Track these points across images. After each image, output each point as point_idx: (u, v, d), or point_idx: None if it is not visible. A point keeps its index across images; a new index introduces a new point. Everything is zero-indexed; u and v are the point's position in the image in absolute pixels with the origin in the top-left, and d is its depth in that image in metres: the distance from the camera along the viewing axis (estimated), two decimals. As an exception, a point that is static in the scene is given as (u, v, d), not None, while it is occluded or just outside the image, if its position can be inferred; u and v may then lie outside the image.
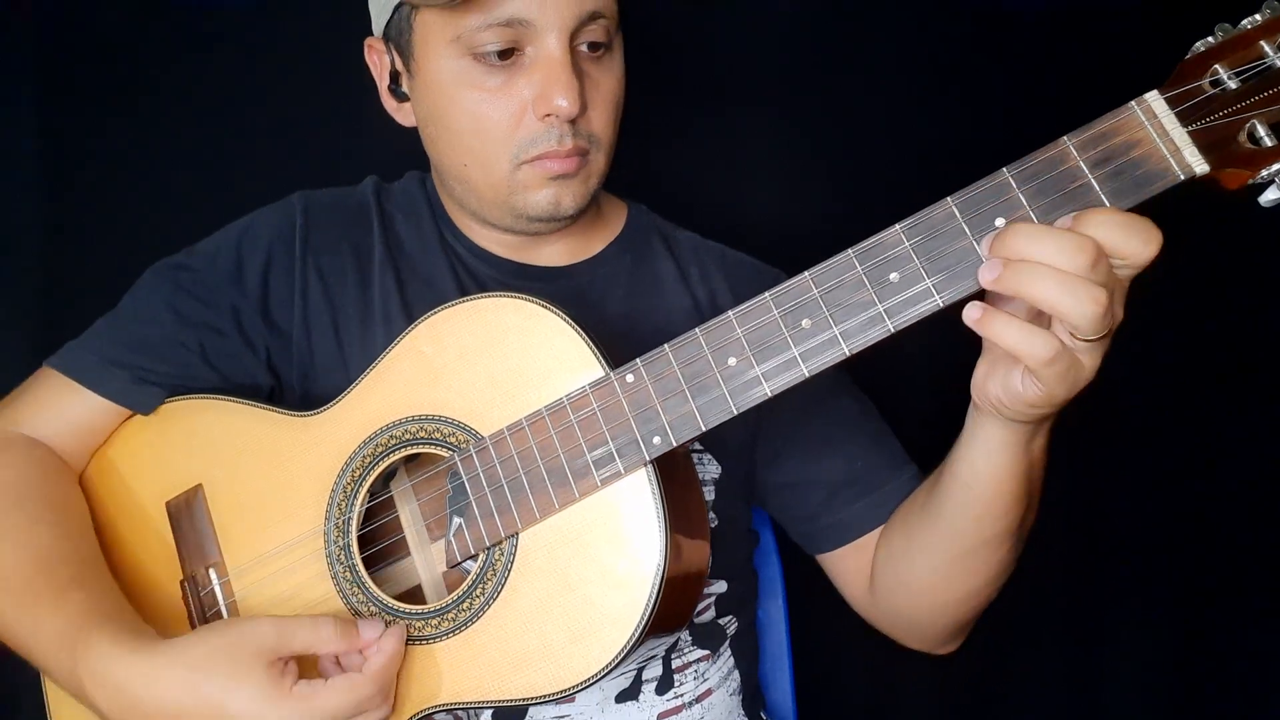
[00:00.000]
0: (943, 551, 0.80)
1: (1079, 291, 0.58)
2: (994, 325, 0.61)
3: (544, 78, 0.78)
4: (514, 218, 0.86)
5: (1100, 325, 0.59)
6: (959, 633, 0.88)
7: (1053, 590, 1.36)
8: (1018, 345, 0.60)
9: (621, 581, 0.69)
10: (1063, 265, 0.58)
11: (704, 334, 0.68)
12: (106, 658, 0.70)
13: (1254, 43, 0.58)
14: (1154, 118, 0.59)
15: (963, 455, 0.73)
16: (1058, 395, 0.63)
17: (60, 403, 0.85)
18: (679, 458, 0.76)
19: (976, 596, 0.82)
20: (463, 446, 0.75)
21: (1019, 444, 0.70)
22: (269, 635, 0.68)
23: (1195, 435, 1.38)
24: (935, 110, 1.30)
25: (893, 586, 0.87)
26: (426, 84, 0.83)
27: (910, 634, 0.90)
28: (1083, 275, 0.58)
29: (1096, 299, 0.58)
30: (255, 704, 0.66)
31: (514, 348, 0.74)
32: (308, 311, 0.89)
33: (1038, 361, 0.61)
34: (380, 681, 0.70)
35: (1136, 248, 0.58)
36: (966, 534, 0.77)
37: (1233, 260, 1.29)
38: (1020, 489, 0.73)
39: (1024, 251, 0.59)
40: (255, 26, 1.26)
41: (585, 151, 0.82)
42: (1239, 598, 1.38)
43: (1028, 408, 0.65)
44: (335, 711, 0.68)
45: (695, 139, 1.30)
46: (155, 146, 1.26)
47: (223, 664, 0.67)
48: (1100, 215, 0.58)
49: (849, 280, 0.64)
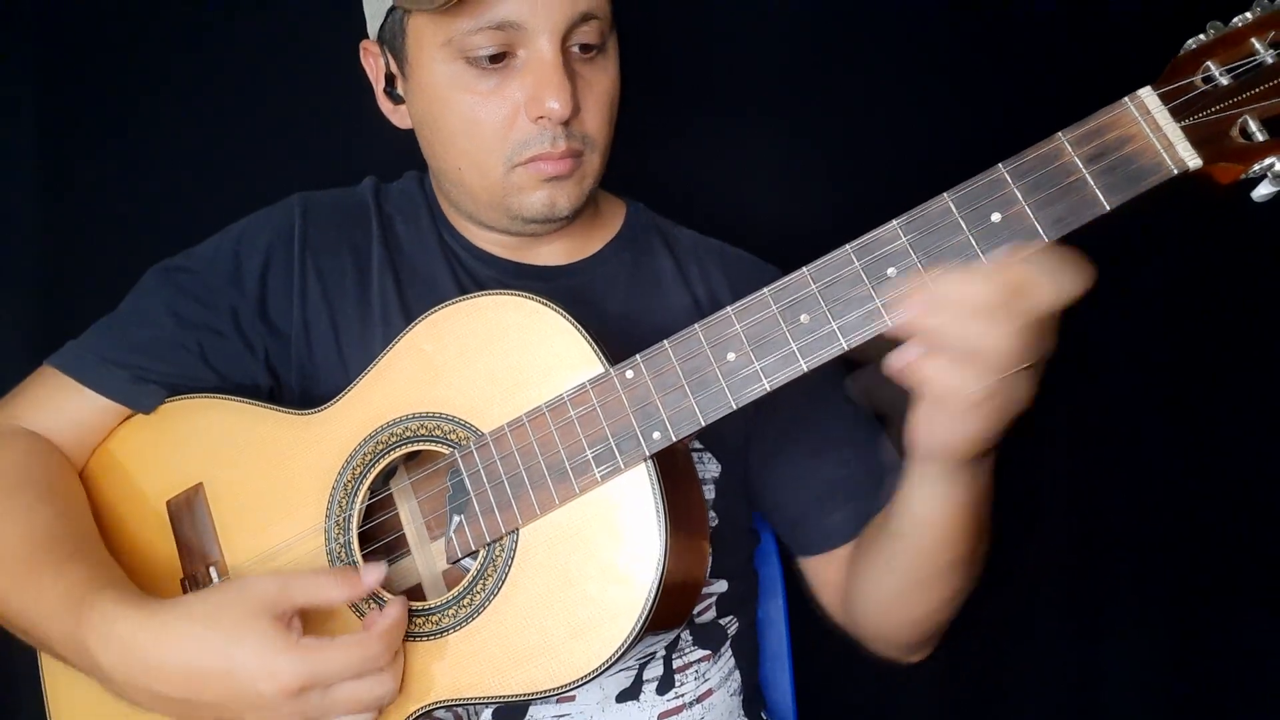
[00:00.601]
0: (901, 577, 0.81)
1: (986, 328, 0.59)
2: (924, 369, 0.62)
3: (536, 80, 0.79)
4: (509, 219, 0.86)
5: (1016, 358, 0.60)
6: (924, 646, 0.90)
7: (1051, 590, 1.36)
8: (950, 388, 0.62)
9: (621, 577, 0.70)
10: (973, 301, 0.59)
11: (703, 329, 0.69)
12: (112, 616, 0.70)
13: (1245, 40, 0.59)
14: (1147, 113, 0.60)
15: (908, 496, 0.75)
16: (992, 429, 0.65)
17: (60, 401, 0.86)
18: (679, 454, 0.76)
19: (936, 616, 0.84)
20: (463, 443, 0.75)
21: (964, 481, 0.71)
22: (272, 589, 0.69)
23: (1191, 432, 1.38)
24: (931, 107, 1.31)
25: (860, 600, 0.88)
26: (420, 87, 0.84)
27: (878, 644, 0.91)
28: (995, 310, 0.59)
29: (999, 334, 0.59)
30: (262, 656, 0.66)
31: (514, 345, 0.75)
32: (306, 312, 0.89)
33: (971, 402, 0.62)
34: (386, 641, 0.70)
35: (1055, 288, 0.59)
36: (921, 564, 0.79)
37: (1227, 256, 1.29)
38: (966, 524, 0.75)
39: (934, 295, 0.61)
40: (255, 26, 1.26)
41: (579, 153, 0.82)
42: (1237, 595, 1.38)
43: (968, 445, 0.66)
44: (343, 665, 0.68)
45: (693, 136, 1.31)
46: (155, 147, 1.26)
47: (228, 618, 0.67)
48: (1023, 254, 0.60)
49: (846, 275, 0.65)
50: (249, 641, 0.67)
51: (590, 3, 0.79)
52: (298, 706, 0.67)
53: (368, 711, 0.70)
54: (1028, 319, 0.59)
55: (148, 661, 0.68)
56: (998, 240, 0.62)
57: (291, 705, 0.67)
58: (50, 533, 0.77)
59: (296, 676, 0.66)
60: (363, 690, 0.69)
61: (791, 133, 1.33)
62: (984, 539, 0.78)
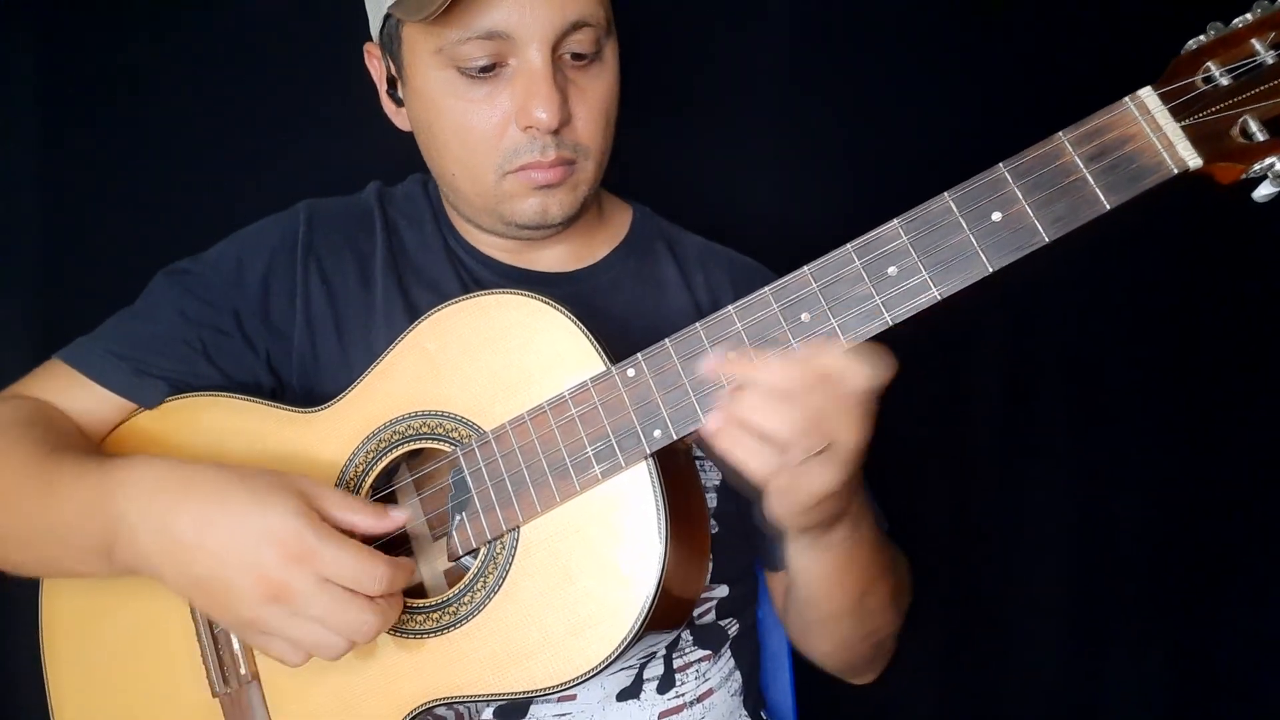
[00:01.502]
0: (802, 615, 0.86)
1: (780, 411, 0.62)
2: (721, 440, 0.65)
3: (525, 90, 0.78)
4: (504, 225, 0.87)
5: (801, 442, 0.62)
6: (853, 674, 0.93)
7: (1052, 590, 1.36)
8: (739, 461, 0.65)
9: (622, 575, 0.70)
10: (775, 384, 0.63)
11: (704, 328, 0.69)
12: (145, 462, 0.73)
13: (1245, 41, 0.60)
14: (1148, 113, 0.60)
15: (787, 556, 0.79)
16: (796, 506, 0.67)
17: (65, 393, 0.86)
18: (680, 454, 0.77)
19: (843, 653, 0.89)
20: (465, 441, 0.75)
21: (817, 547, 0.75)
22: (311, 487, 0.71)
23: (1192, 433, 1.38)
24: (932, 106, 1.31)
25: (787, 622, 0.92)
26: (415, 93, 0.84)
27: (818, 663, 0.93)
28: (793, 396, 0.62)
29: (793, 419, 0.62)
30: (279, 517, 0.68)
31: (516, 344, 0.75)
32: (310, 315, 0.90)
33: (758, 478, 0.65)
34: (388, 568, 0.69)
35: (859, 375, 0.62)
36: (811, 608, 0.83)
37: (1228, 256, 1.29)
38: (838, 578, 0.78)
39: (737, 373, 0.66)
40: (258, 27, 1.27)
41: (570, 161, 0.82)
42: (1238, 597, 1.38)
43: (787, 519, 0.69)
44: (342, 562, 0.68)
45: (695, 137, 1.31)
46: (156, 147, 1.27)
47: (262, 482, 0.70)
48: (827, 345, 0.64)
49: (847, 274, 0.65)
50: (272, 501, 0.69)
51: (582, 11, 0.78)
52: (281, 581, 0.67)
53: (338, 633, 0.69)
54: (827, 408, 0.62)
55: (171, 493, 0.71)
56: (998, 239, 0.62)
57: (278, 575, 0.67)
58: (64, 448, 0.79)
59: (300, 543, 0.67)
60: (342, 606, 0.68)
61: (792, 132, 1.33)
62: (876, 590, 0.82)
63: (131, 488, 0.73)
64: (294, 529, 0.68)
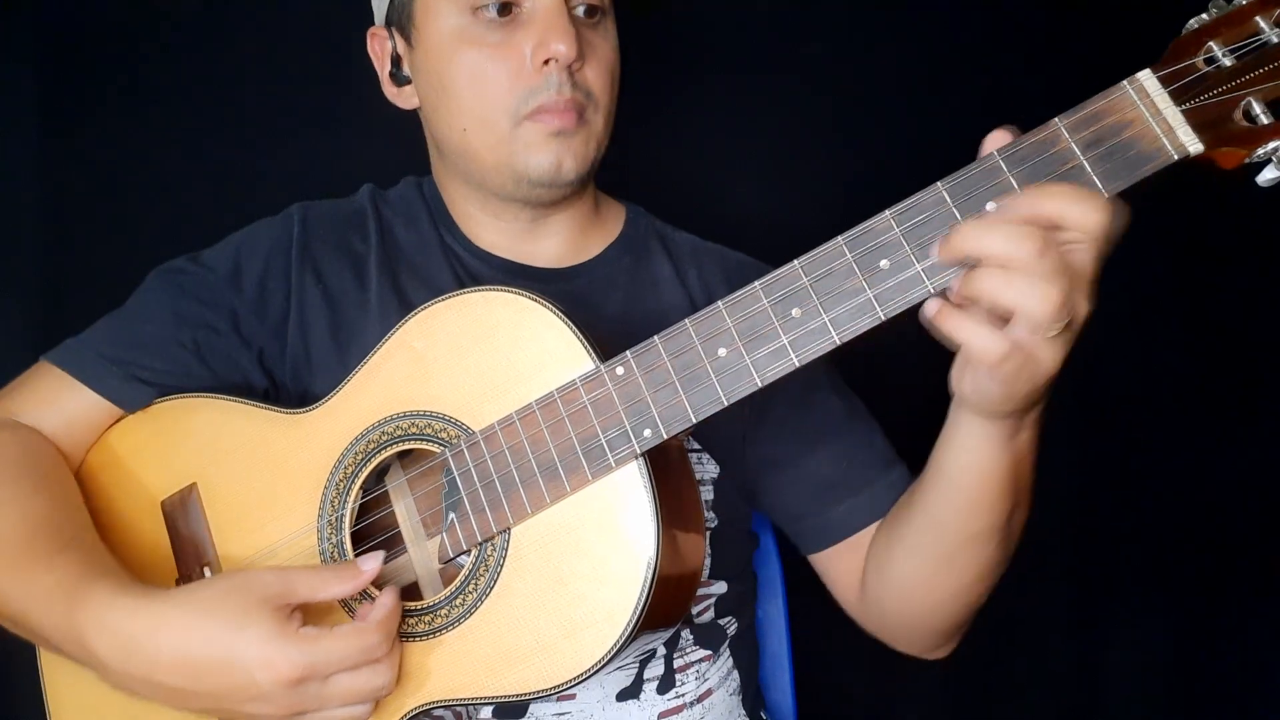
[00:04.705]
0: (929, 549, 0.78)
1: (1033, 289, 0.57)
2: (948, 322, 0.60)
3: (542, 26, 0.81)
4: (515, 183, 0.86)
5: (1056, 320, 0.58)
6: (950, 636, 0.87)
7: (1052, 589, 1.35)
8: (970, 344, 0.60)
9: (614, 576, 0.69)
10: (1011, 256, 0.57)
11: (694, 325, 0.67)
12: (108, 605, 0.69)
13: (1249, 19, 0.57)
14: (1146, 97, 0.58)
15: (945, 450, 0.72)
16: (1017, 392, 0.62)
17: (55, 397, 0.86)
18: (673, 451, 0.75)
19: (964, 596, 0.81)
20: (454, 442, 0.74)
21: (1001, 438, 0.68)
22: (273, 582, 0.69)
23: (1196, 429, 1.36)
24: (926, 92, 1.30)
25: (882, 587, 0.85)
26: (427, 50, 0.85)
27: (900, 636, 0.88)
28: (1032, 267, 0.57)
29: (1048, 296, 0.57)
30: (263, 646, 0.66)
31: (504, 341, 0.74)
32: (304, 314, 0.89)
33: (988, 361, 0.60)
34: (383, 631, 0.69)
35: (1079, 213, 0.57)
36: (952, 531, 0.75)
37: (1232, 243, 1.27)
38: (1005, 483, 0.71)
39: (972, 250, 0.58)
40: (257, 27, 1.27)
41: (583, 107, 0.83)
42: (1240, 594, 1.37)
43: (995, 403, 0.64)
44: (341, 655, 0.67)
45: (691, 136, 1.31)
46: (155, 147, 1.27)
47: (229, 608, 0.67)
48: (1044, 188, 0.58)
49: (839, 268, 0.64)
50: (249, 631, 0.66)
51: None
52: (296, 697, 0.67)
53: (364, 702, 0.70)
54: (1065, 272, 0.57)
55: (145, 650, 0.68)
56: None
57: (289, 696, 0.67)
58: (44, 522, 0.77)
59: (295, 667, 0.66)
60: (360, 681, 0.69)
61: (784, 123, 1.32)
62: (1021, 509, 0.75)
63: (99, 631, 0.69)
64: (280, 652, 0.66)
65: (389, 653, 0.70)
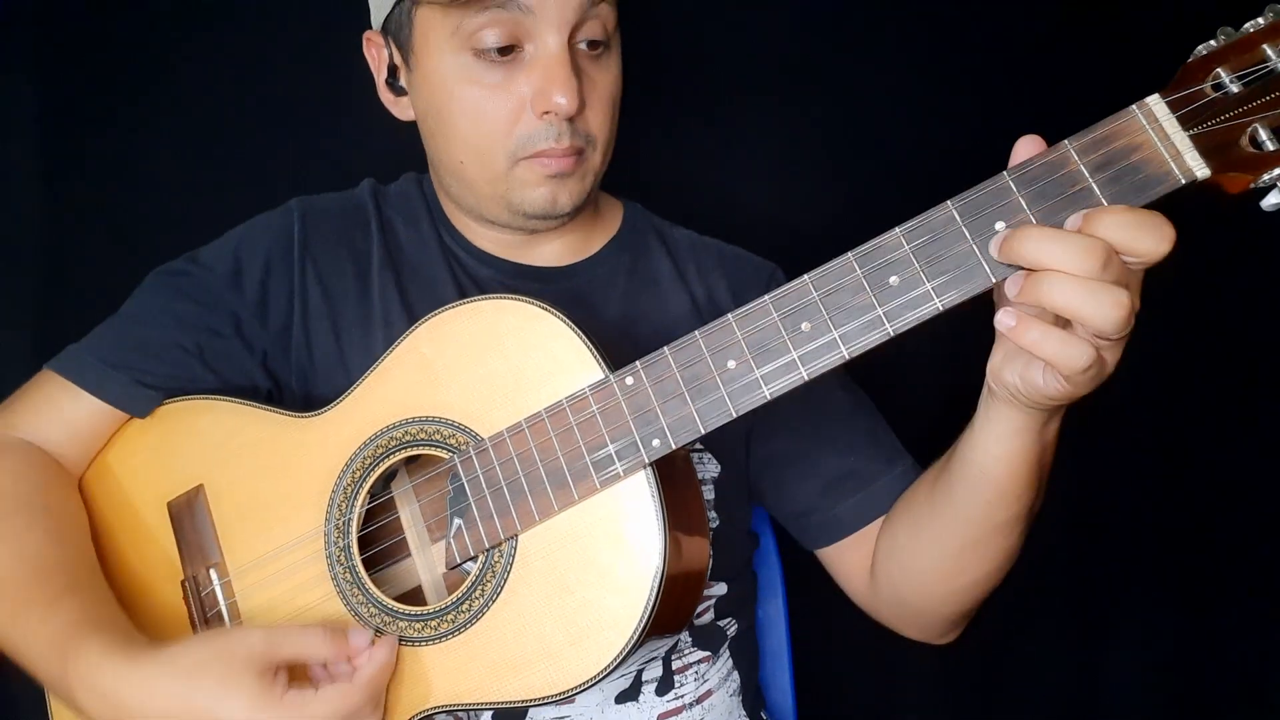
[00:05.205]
0: (952, 539, 0.78)
1: (1102, 297, 0.57)
2: (1028, 336, 0.60)
3: (543, 75, 0.78)
4: (510, 214, 0.85)
5: (1124, 326, 0.58)
6: (961, 622, 0.88)
7: (1052, 589, 1.36)
8: (1056, 357, 0.60)
9: (620, 584, 0.69)
10: (1075, 270, 0.57)
11: (704, 337, 0.68)
12: (97, 667, 0.70)
13: (1256, 46, 0.58)
14: (1155, 121, 0.59)
15: (976, 440, 0.72)
16: (1080, 393, 0.63)
17: (60, 406, 0.85)
18: (678, 460, 0.76)
19: (983, 584, 0.81)
20: (462, 448, 0.75)
21: (1033, 429, 0.69)
22: (258, 643, 0.68)
23: (1198, 431, 1.37)
24: (937, 112, 1.29)
25: (897, 577, 0.85)
26: (426, 79, 0.83)
27: (912, 624, 0.89)
28: (1097, 278, 0.57)
29: (1119, 302, 0.57)
30: (246, 712, 0.66)
31: (514, 349, 0.74)
32: (307, 316, 0.89)
33: (1072, 370, 0.60)
34: (370, 690, 0.70)
35: (1149, 246, 0.57)
36: (978, 520, 0.76)
37: (1235, 264, 1.28)
38: (1033, 473, 0.72)
39: (1035, 258, 0.58)
40: (256, 27, 1.26)
41: (581, 151, 0.82)
42: (1241, 592, 1.38)
43: (1046, 400, 0.65)
44: (334, 706, 0.68)
45: (692, 137, 1.30)
46: (155, 147, 1.26)
47: (213, 673, 0.67)
48: (1110, 215, 0.58)
49: (849, 284, 0.64)
50: (234, 696, 0.67)
51: None
52: None
53: None
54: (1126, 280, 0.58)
55: (131, 716, 0.68)
56: None
57: None
58: (45, 562, 0.77)
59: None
60: None
61: (792, 134, 1.32)
62: (1041, 496, 0.75)
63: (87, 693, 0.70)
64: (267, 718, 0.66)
65: (374, 710, 0.71)
